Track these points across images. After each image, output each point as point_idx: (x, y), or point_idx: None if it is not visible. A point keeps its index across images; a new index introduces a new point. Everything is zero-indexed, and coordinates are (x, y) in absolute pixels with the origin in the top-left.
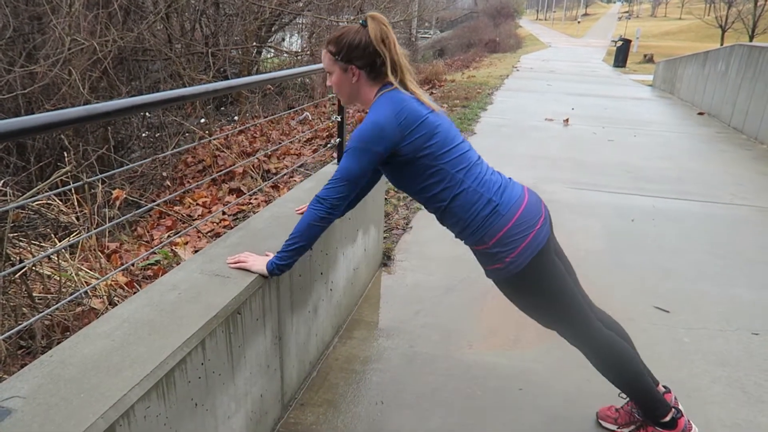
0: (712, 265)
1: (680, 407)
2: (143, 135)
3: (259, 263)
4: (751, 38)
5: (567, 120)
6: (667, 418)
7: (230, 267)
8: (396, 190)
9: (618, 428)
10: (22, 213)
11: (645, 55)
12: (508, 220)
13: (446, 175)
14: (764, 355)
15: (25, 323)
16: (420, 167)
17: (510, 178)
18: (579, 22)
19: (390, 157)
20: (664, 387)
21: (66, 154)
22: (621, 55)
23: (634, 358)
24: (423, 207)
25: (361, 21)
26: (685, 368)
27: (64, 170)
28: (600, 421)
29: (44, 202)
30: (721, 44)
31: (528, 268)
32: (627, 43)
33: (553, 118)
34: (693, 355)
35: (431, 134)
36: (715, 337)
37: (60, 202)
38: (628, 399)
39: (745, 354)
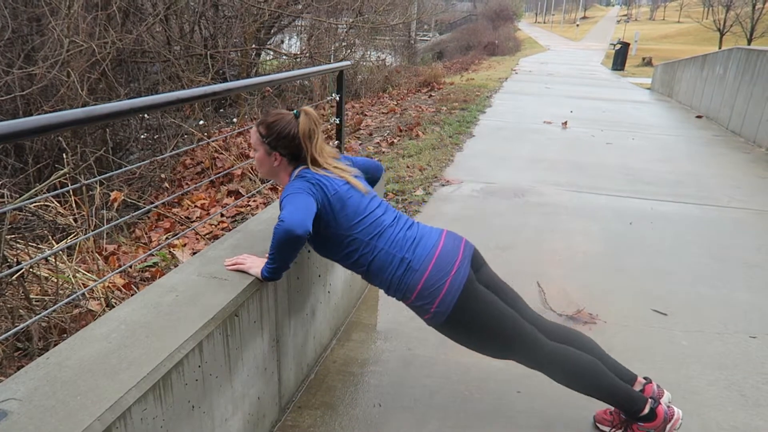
0: (709, 268)
1: (666, 397)
2: (142, 137)
3: (257, 266)
4: (749, 41)
5: (565, 123)
6: (646, 411)
7: (228, 269)
8: (395, 192)
9: (611, 430)
10: (19, 214)
11: (643, 59)
12: (423, 274)
13: (360, 243)
14: (762, 359)
15: (21, 325)
16: (337, 237)
17: (431, 228)
18: (578, 25)
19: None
20: (645, 378)
21: (64, 156)
22: (619, 58)
23: (592, 365)
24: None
25: (294, 112)
26: (682, 371)
27: (61, 172)
28: (597, 424)
29: (42, 203)
30: (720, 47)
31: (455, 311)
32: (625, 46)
33: (552, 121)
34: (690, 358)
35: (342, 206)
36: (712, 340)
37: (58, 204)
38: None
39: (743, 357)
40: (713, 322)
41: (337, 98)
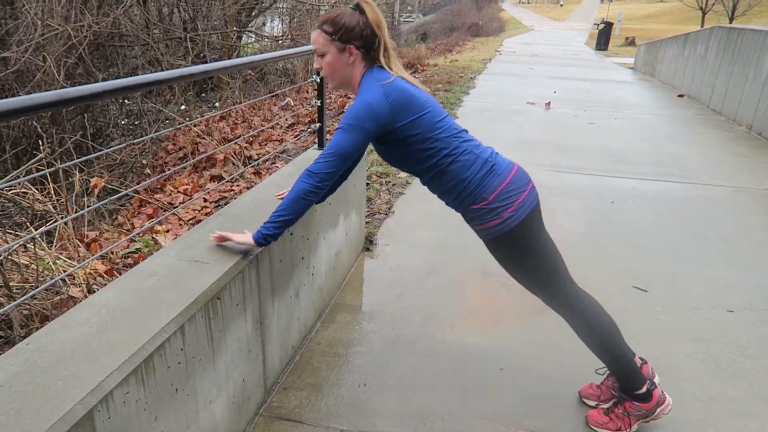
0: (689, 245)
1: (656, 379)
2: (122, 123)
3: (243, 235)
4: (731, 20)
5: (549, 103)
6: (643, 390)
7: (214, 243)
8: (379, 175)
9: (598, 404)
10: None
11: (627, 38)
12: (505, 178)
13: (441, 143)
14: (738, 332)
15: None
16: (416, 142)
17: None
18: (561, 6)
19: (384, 136)
20: (641, 359)
21: (41, 142)
22: (603, 38)
23: (614, 329)
24: (417, 181)
25: (351, 6)
26: (661, 345)
27: (38, 157)
28: (583, 399)
29: (19, 189)
30: (702, 26)
31: (522, 225)
32: (609, 26)
33: (535, 102)
34: (669, 333)
35: (422, 110)
36: (691, 315)
37: (36, 191)
38: (606, 375)
39: (720, 331)
40: (692, 297)
41: (318, 80)
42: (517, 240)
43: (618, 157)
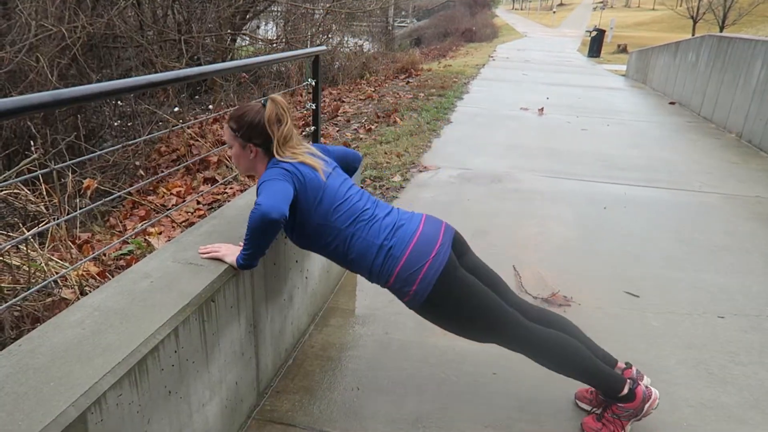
0: (680, 251)
1: (647, 380)
2: (115, 124)
3: (232, 254)
4: (722, 29)
5: (542, 109)
6: (625, 391)
7: (202, 257)
8: (372, 178)
9: (592, 409)
10: None
11: (618, 46)
12: (401, 259)
13: (338, 232)
14: (729, 338)
15: None
16: (315, 227)
17: (411, 213)
18: (554, 12)
19: (289, 215)
20: (626, 364)
21: (33, 143)
22: (595, 45)
23: (573, 347)
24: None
25: (263, 101)
26: (653, 350)
27: (31, 158)
28: (577, 401)
29: (11, 190)
30: (693, 35)
31: (434, 293)
32: (601, 33)
33: (528, 108)
34: (661, 338)
35: (319, 194)
36: (682, 321)
37: (28, 192)
38: None
39: (711, 337)
40: (683, 303)
41: (313, 84)
42: (437, 307)
43: (610, 163)
